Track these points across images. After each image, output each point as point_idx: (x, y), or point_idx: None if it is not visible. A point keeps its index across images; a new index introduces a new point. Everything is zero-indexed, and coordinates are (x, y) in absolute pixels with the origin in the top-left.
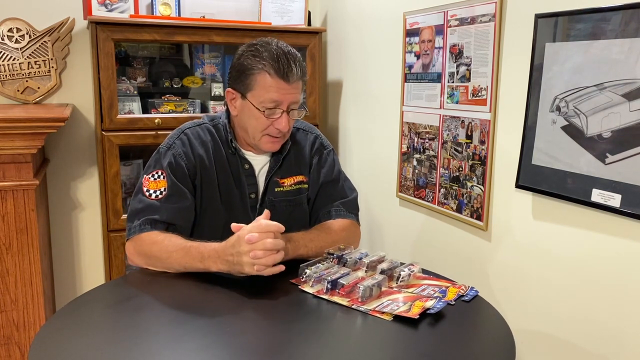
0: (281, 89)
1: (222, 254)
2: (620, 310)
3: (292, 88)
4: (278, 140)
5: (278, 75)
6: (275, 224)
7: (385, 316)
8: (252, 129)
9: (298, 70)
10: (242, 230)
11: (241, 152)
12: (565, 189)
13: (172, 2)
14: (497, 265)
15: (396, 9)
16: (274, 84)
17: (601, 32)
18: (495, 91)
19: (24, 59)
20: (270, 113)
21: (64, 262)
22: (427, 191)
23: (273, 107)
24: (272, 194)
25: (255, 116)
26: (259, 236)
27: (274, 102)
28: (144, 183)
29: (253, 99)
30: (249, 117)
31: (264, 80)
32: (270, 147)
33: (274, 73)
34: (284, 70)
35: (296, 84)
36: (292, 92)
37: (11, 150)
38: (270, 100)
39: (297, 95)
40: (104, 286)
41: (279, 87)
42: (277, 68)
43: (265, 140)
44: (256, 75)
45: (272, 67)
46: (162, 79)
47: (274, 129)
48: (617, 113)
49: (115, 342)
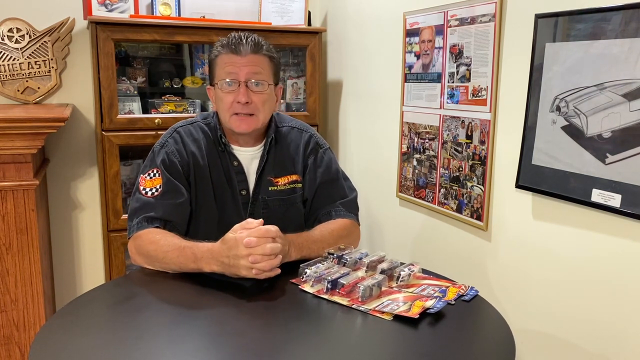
0: (234, 62)
1: (217, 255)
2: (620, 310)
3: (246, 60)
4: (244, 118)
5: (229, 51)
6: (275, 229)
7: (385, 316)
8: (222, 112)
9: (251, 44)
10: (239, 232)
11: (230, 147)
12: (565, 189)
13: (172, 2)
14: (497, 265)
15: (396, 9)
16: (227, 60)
17: (601, 32)
18: (495, 91)
19: (24, 59)
20: (229, 88)
21: (64, 262)
22: (427, 191)
23: (228, 78)
24: (266, 192)
25: (220, 97)
26: (257, 240)
27: (229, 74)
28: (141, 182)
29: (217, 82)
30: (218, 102)
31: (220, 59)
32: (238, 125)
33: (226, 50)
34: (233, 43)
35: (251, 57)
36: (247, 64)
37: (11, 150)
38: (225, 73)
39: (255, 68)
40: (104, 286)
41: (232, 61)
42: (227, 44)
43: (234, 119)
44: (216, 59)
45: (223, 46)
46: (162, 79)
47: (236, 105)
48: (617, 113)
49: (115, 342)
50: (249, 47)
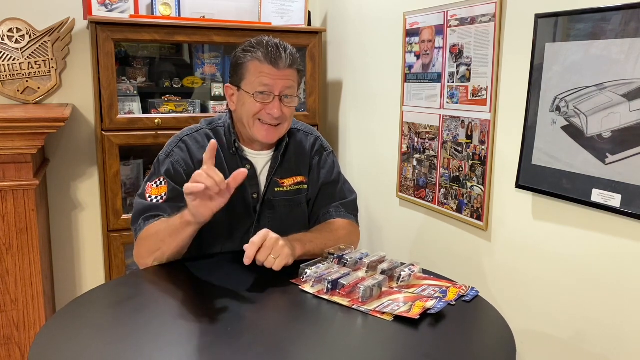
0: (272, 74)
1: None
2: (620, 310)
3: (282, 74)
4: (271, 129)
5: (267, 61)
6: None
7: (385, 316)
8: (246, 115)
9: (288, 58)
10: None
11: (243, 152)
12: (565, 189)
13: (172, 2)
14: (497, 265)
15: (396, 9)
16: (264, 69)
17: (601, 32)
18: (495, 91)
19: (24, 59)
20: (262, 98)
21: (64, 262)
22: (427, 191)
23: (264, 90)
24: (272, 193)
25: (247, 103)
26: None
27: (265, 86)
28: (147, 190)
29: (246, 86)
30: (243, 106)
31: (255, 66)
32: (264, 135)
33: (263, 59)
34: (273, 55)
35: (287, 72)
36: (283, 78)
37: (11, 150)
38: (261, 84)
39: (289, 82)
40: (104, 286)
41: (269, 72)
42: (266, 54)
43: (259, 127)
44: (248, 64)
45: (261, 54)
46: (162, 79)
47: (265, 114)
48: (617, 113)
49: (116, 342)
50: (288, 61)
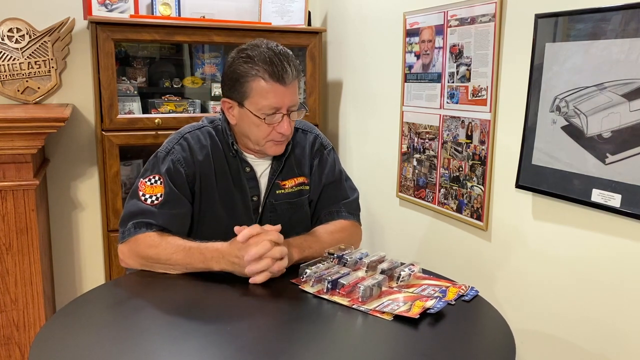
0: (278, 93)
1: (227, 255)
2: (620, 310)
3: (289, 90)
4: (282, 142)
5: (273, 79)
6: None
7: (385, 316)
8: (255, 137)
9: (293, 70)
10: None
11: (242, 154)
12: (566, 189)
13: (172, 2)
14: (497, 265)
15: (396, 9)
16: (270, 89)
17: (601, 32)
18: (495, 91)
19: (24, 59)
20: (271, 119)
21: (64, 262)
22: (427, 191)
23: (272, 112)
24: (273, 196)
25: (255, 124)
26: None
27: (273, 108)
28: (140, 187)
29: (251, 106)
30: (249, 125)
31: (260, 86)
32: (275, 150)
33: (269, 77)
34: (279, 72)
35: (293, 85)
36: (290, 94)
37: (11, 150)
38: (269, 107)
39: (295, 97)
40: (104, 286)
41: (276, 92)
42: (272, 72)
43: (270, 145)
44: (251, 83)
45: (266, 72)
46: (162, 79)
47: (276, 134)
48: (617, 113)
49: (115, 342)
50: (293, 73)
